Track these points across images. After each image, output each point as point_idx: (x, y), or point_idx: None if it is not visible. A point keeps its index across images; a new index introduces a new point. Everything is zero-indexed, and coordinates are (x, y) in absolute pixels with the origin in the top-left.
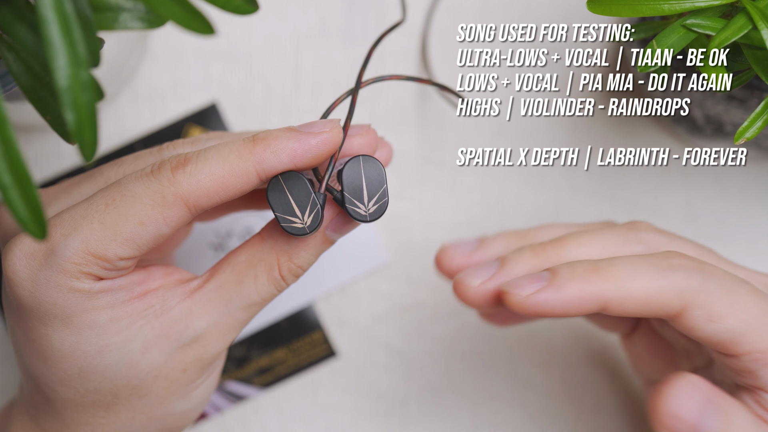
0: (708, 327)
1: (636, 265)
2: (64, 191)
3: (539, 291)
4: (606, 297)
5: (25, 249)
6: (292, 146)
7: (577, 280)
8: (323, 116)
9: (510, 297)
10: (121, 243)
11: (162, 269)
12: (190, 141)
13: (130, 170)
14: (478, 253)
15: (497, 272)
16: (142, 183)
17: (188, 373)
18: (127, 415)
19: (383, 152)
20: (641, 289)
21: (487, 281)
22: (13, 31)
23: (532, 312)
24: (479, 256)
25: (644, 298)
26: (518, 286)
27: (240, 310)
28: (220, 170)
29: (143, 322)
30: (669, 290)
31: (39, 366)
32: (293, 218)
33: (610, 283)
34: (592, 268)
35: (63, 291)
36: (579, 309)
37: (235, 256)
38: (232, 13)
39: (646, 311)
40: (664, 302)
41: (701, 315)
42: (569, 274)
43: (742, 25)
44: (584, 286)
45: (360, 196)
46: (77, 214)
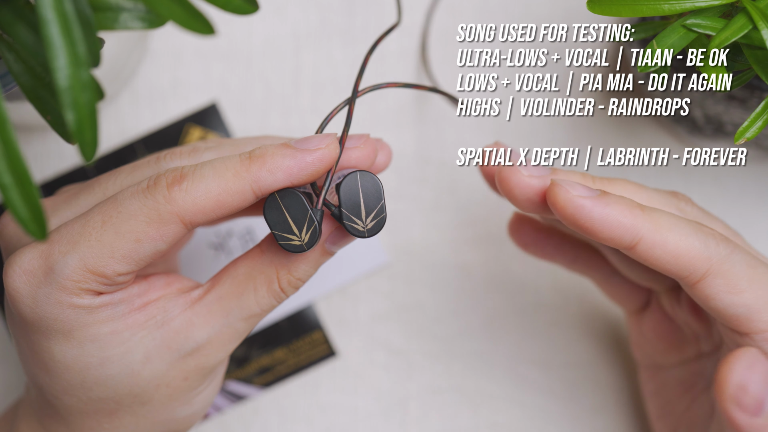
0: (726, 298)
1: (676, 220)
2: (63, 202)
3: (587, 197)
4: (642, 234)
5: (24, 266)
6: (288, 164)
7: (624, 207)
8: (320, 128)
9: (558, 190)
10: (118, 259)
11: (163, 279)
12: (187, 151)
13: (128, 182)
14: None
15: (549, 174)
16: (138, 200)
17: (190, 381)
18: (130, 420)
19: (382, 155)
20: (675, 240)
21: (537, 176)
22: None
23: (571, 216)
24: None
25: (675, 250)
26: (569, 185)
27: (240, 321)
28: (216, 188)
29: (144, 333)
30: (699, 250)
31: (42, 376)
32: (291, 235)
33: (650, 224)
34: (638, 205)
35: (63, 307)
36: (614, 232)
37: (235, 267)
38: (233, 13)
39: (671, 265)
40: (691, 260)
41: (722, 284)
42: (618, 199)
43: (742, 25)
44: (627, 214)
45: (358, 212)
46: (75, 231)
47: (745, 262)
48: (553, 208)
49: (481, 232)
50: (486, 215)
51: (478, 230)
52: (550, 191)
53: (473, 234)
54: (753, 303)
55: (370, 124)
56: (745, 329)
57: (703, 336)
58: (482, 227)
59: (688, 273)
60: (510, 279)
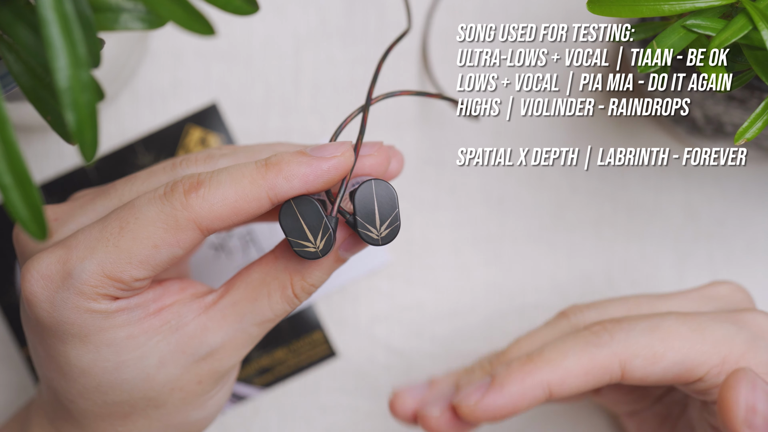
0: (656, 369)
1: (564, 344)
2: (79, 208)
3: (485, 395)
4: (548, 381)
5: (42, 271)
6: (304, 172)
7: (516, 374)
8: (334, 136)
9: (462, 410)
10: (136, 265)
11: (177, 284)
12: (203, 158)
13: (144, 188)
14: (430, 393)
15: (453, 395)
16: (156, 206)
17: (203, 385)
18: (144, 423)
19: (395, 162)
20: (575, 363)
21: (446, 408)
22: (14, 32)
23: (487, 419)
24: (431, 396)
25: (581, 370)
26: (465, 396)
27: (254, 326)
28: (232, 195)
29: (159, 338)
30: (599, 359)
31: (58, 380)
32: (306, 242)
33: (547, 368)
34: (525, 360)
35: (80, 312)
36: (528, 401)
37: (249, 273)
38: (233, 13)
39: (592, 382)
40: (602, 368)
41: (641, 363)
42: (506, 371)
43: (742, 26)
44: (524, 378)
45: (372, 221)
46: (92, 237)
47: (644, 330)
48: (468, 423)
49: (481, 232)
50: (486, 215)
51: (478, 230)
52: (459, 414)
53: (473, 234)
54: (679, 358)
55: (371, 125)
56: (694, 378)
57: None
58: (482, 227)
59: (609, 376)
60: (510, 279)
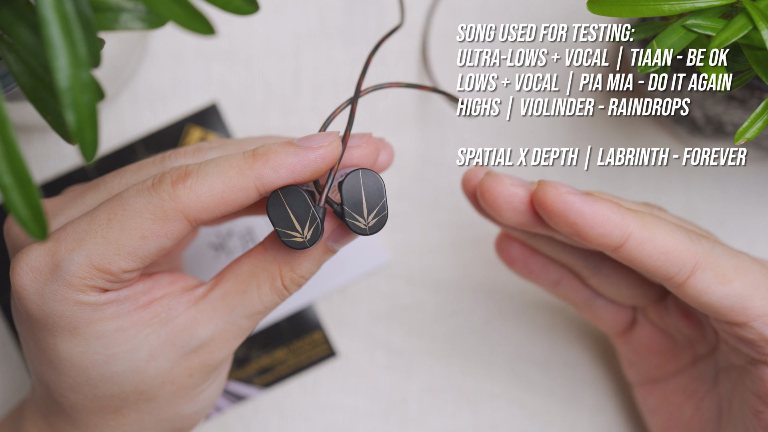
0: (717, 290)
1: (659, 219)
2: (69, 201)
3: (575, 195)
4: (631, 231)
5: (31, 263)
6: (291, 162)
7: (612, 206)
8: (322, 128)
9: (547, 188)
10: (124, 257)
11: (167, 277)
12: (192, 150)
13: (133, 181)
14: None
15: (530, 184)
16: (143, 197)
17: (194, 378)
18: (135, 417)
19: (385, 155)
20: (663, 238)
21: (520, 184)
22: (14, 32)
23: (562, 213)
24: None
25: (664, 245)
26: (556, 184)
27: (244, 318)
28: (220, 185)
29: (149, 330)
30: (687, 245)
31: (49, 374)
32: (293, 232)
33: (638, 221)
34: (626, 206)
35: (69, 304)
36: (604, 228)
37: (239, 265)
38: (233, 13)
39: (661, 262)
40: (679, 255)
41: (711, 277)
42: (606, 198)
43: (742, 26)
44: (616, 212)
45: (360, 210)
46: (80, 229)
47: (727, 252)
48: (541, 208)
49: (481, 232)
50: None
51: (478, 230)
52: (538, 191)
53: (473, 234)
54: (743, 291)
55: (371, 124)
56: (742, 318)
57: (697, 339)
58: (482, 227)
59: (678, 269)
60: (510, 279)
